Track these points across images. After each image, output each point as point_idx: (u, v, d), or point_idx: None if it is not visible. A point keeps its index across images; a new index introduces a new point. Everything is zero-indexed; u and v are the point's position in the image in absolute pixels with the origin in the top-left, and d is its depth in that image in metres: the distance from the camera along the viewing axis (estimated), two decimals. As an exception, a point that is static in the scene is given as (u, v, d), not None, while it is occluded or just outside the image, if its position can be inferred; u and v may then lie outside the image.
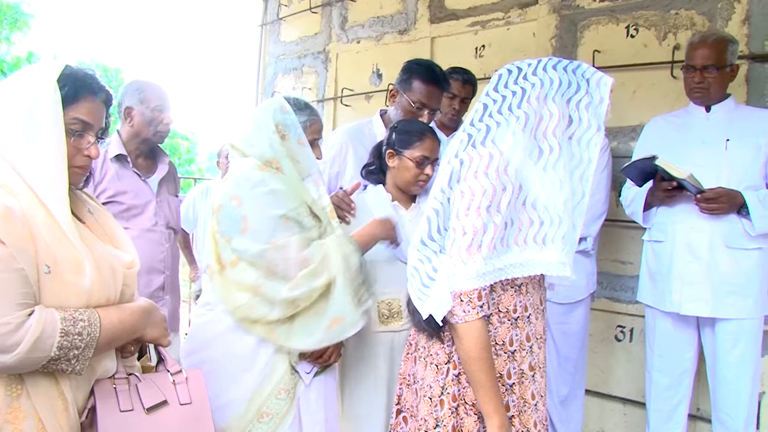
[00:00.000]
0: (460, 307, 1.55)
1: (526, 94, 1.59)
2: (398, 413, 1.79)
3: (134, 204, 2.67)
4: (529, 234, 1.57)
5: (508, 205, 1.55)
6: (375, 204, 2.27)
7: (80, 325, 1.29)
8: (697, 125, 2.62)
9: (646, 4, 3.25)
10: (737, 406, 2.53)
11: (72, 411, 1.35)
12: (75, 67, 1.43)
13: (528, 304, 1.66)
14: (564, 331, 2.97)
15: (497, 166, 1.56)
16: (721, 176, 2.48)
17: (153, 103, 2.72)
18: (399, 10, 4.38)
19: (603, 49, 3.36)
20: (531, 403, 1.65)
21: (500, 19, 3.82)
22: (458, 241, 1.56)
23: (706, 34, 2.65)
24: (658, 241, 2.67)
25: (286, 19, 5.18)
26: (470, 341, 1.55)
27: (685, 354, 2.65)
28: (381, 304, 2.21)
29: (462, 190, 1.59)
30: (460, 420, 1.62)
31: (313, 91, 4.94)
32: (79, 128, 1.40)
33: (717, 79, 2.54)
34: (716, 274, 2.49)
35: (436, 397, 1.65)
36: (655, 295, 2.68)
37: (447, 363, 1.65)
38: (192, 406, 1.48)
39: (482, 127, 1.63)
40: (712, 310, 2.50)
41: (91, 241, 1.41)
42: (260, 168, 1.93)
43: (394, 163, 2.25)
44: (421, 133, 2.24)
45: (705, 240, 2.51)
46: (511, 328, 1.63)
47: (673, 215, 2.60)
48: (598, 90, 1.60)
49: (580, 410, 3.07)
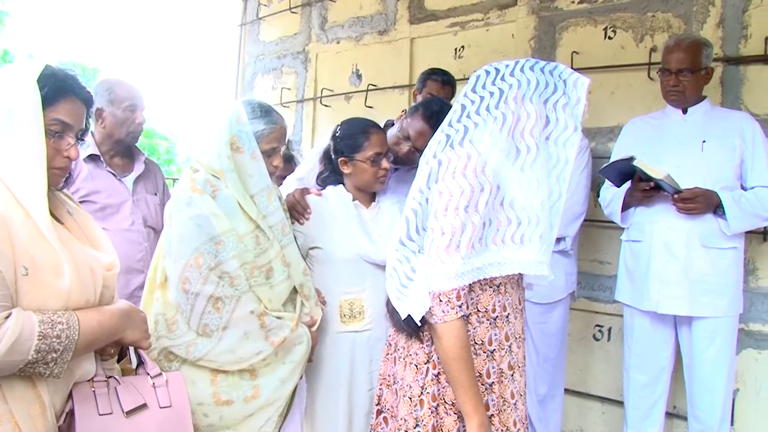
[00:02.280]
0: (440, 307, 1.55)
1: (504, 94, 1.61)
2: (378, 413, 1.79)
3: (109, 203, 2.64)
4: (507, 233, 1.58)
5: (486, 204, 1.56)
6: (336, 205, 2.25)
7: (59, 328, 1.27)
8: (674, 127, 2.66)
9: (623, 7, 3.29)
10: (712, 403, 2.57)
11: (49, 415, 1.33)
12: (55, 67, 1.41)
13: (507, 303, 1.67)
14: (543, 331, 2.99)
15: (475, 167, 1.57)
16: (698, 177, 2.51)
17: (124, 103, 2.68)
18: (378, 10, 4.38)
19: (581, 50, 3.39)
20: (510, 402, 1.66)
21: (479, 20, 3.84)
22: (437, 241, 1.57)
23: (680, 37, 2.69)
24: (635, 240, 2.70)
25: (266, 18, 5.16)
26: (449, 341, 1.56)
27: (663, 352, 2.68)
28: (343, 303, 2.19)
29: (440, 190, 1.60)
30: (440, 419, 1.62)
31: (292, 92, 4.92)
32: (59, 129, 1.39)
33: (692, 82, 2.58)
34: (693, 273, 2.53)
35: (415, 396, 1.65)
36: (633, 295, 2.71)
37: (426, 363, 1.66)
38: (172, 409, 1.47)
39: (460, 127, 1.64)
40: (689, 308, 2.54)
41: (70, 242, 1.40)
42: (192, 186, 1.91)
43: (349, 170, 2.23)
44: (366, 132, 2.23)
45: (682, 239, 2.54)
46: (490, 328, 1.64)
47: (650, 215, 2.64)
48: (575, 90, 1.61)
49: (558, 409, 3.10)
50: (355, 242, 2.18)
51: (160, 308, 1.90)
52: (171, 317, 1.88)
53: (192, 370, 1.87)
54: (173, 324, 1.88)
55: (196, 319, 1.86)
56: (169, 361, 1.89)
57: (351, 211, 2.24)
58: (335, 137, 2.28)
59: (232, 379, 1.90)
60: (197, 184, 1.91)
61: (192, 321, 1.86)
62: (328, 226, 2.19)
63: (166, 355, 1.89)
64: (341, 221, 2.22)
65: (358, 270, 2.17)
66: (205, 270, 1.84)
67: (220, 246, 1.86)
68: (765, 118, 2.83)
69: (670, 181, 2.44)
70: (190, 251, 1.84)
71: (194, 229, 1.85)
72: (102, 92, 2.68)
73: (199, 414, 1.85)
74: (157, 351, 1.87)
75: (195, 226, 1.85)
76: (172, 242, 1.89)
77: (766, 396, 2.87)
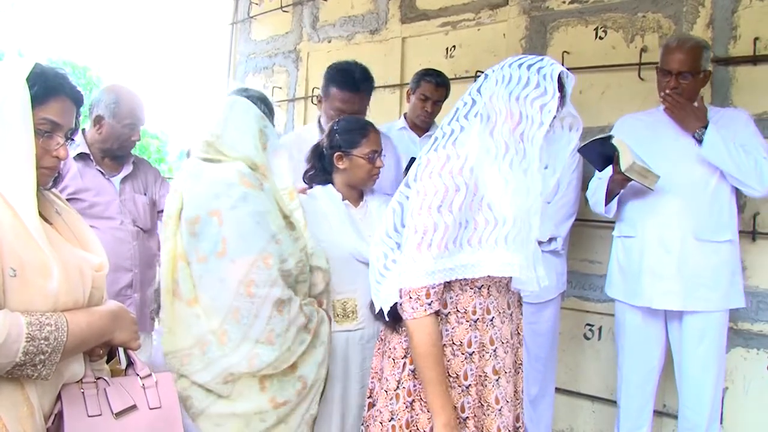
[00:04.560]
0: (409, 303, 1.58)
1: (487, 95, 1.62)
2: (370, 406, 1.80)
3: (96, 202, 2.66)
4: (483, 235, 1.60)
5: (462, 205, 1.57)
6: (327, 204, 2.25)
7: (47, 330, 1.26)
8: (669, 123, 2.64)
9: (614, 7, 3.30)
10: (701, 401, 2.57)
11: (38, 417, 1.31)
12: (45, 66, 1.40)
13: (491, 306, 1.67)
14: (534, 331, 3.00)
15: (452, 167, 1.58)
16: (693, 169, 2.53)
17: (125, 120, 2.70)
18: (370, 9, 4.38)
19: (572, 50, 3.40)
20: (495, 408, 1.65)
21: (471, 20, 3.84)
22: (410, 239, 1.59)
23: (682, 39, 2.64)
24: (628, 236, 2.70)
25: (257, 17, 5.14)
26: (420, 337, 1.58)
27: (654, 350, 2.69)
28: (336, 303, 2.19)
29: (418, 189, 1.62)
30: (415, 415, 1.63)
31: (283, 91, 4.91)
32: (49, 129, 1.37)
33: (691, 85, 2.57)
34: (687, 267, 2.53)
35: (391, 390, 1.67)
36: (625, 290, 2.71)
37: (404, 357, 1.67)
38: (162, 410, 1.46)
39: (448, 130, 1.66)
40: (682, 303, 2.54)
41: (58, 243, 1.39)
42: (242, 180, 1.80)
43: (345, 165, 2.24)
44: (364, 129, 2.26)
45: (676, 234, 2.54)
46: (470, 330, 1.64)
47: (643, 211, 2.64)
48: (551, 83, 1.56)
49: (549, 409, 3.10)
50: (347, 241, 2.18)
51: (204, 325, 1.75)
52: (218, 328, 1.74)
53: (240, 384, 1.79)
54: (224, 335, 1.74)
55: (261, 326, 1.73)
56: (225, 383, 1.76)
57: (342, 210, 2.24)
58: (333, 132, 2.29)
59: (279, 379, 1.81)
60: (247, 178, 1.82)
61: (255, 328, 1.73)
62: (321, 226, 2.18)
63: (224, 378, 1.75)
64: (333, 221, 2.22)
65: (351, 269, 2.16)
66: (274, 271, 1.75)
67: (279, 245, 1.79)
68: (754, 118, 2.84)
69: (640, 170, 2.43)
70: (256, 251, 1.74)
71: (255, 227, 1.76)
72: (107, 101, 2.68)
73: (256, 421, 1.78)
74: (213, 375, 1.74)
75: (255, 224, 1.76)
76: (229, 241, 1.74)
77: (754, 395, 2.89)
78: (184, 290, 1.79)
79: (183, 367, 1.77)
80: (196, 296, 1.78)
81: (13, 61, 1.41)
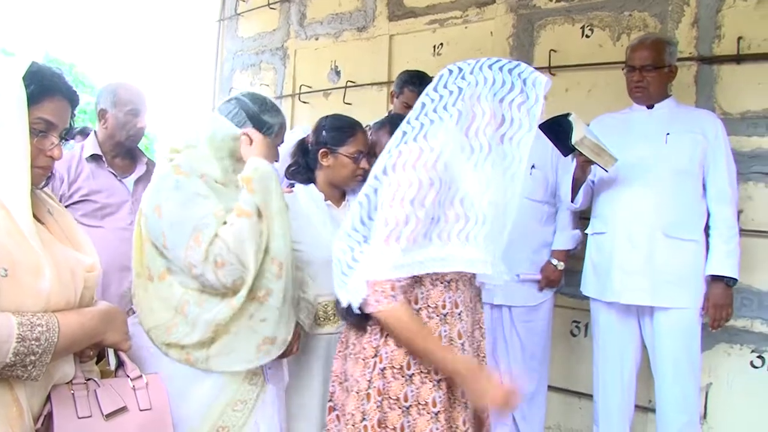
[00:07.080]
0: (373, 296, 1.57)
1: (462, 92, 1.63)
2: (331, 410, 1.80)
3: (108, 203, 2.68)
4: (453, 230, 1.60)
5: (435, 200, 1.57)
6: (308, 204, 2.24)
7: (38, 330, 1.25)
8: (640, 121, 2.71)
9: (600, 6, 3.32)
10: (676, 397, 2.59)
11: (27, 418, 1.31)
12: (42, 65, 1.39)
13: (459, 300, 1.68)
14: (529, 329, 3.02)
15: (426, 161, 1.58)
16: (662, 166, 2.58)
17: (126, 107, 2.71)
18: (357, 7, 4.37)
19: (559, 48, 3.42)
20: (461, 401, 1.67)
21: (458, 18, 3.85)
22: (379, 230, 1.59)
23: (644, 36, 2.77)
24: (600, 233, 2.75)
25: (244, 14, 5.13)
26: (396, 324, 1.58)
27: (629, 346, 2.72)
28: (318, 306, 2.18)
29: (390, 182, 1.61)
30: (384, 414, 1.63)
31: (271, 88, 4.90)
32: (43, 128, 1.36)
33: (656, 79, 2.64)
34: (654, 263, 2.57)
35: (363, 390, 1.66)
36: (597, 287, 2.75)
37: (374, 357, 1.66)
38: (152, 411, 1.46)
39: (417, 124, 1.65)
40: (650, 298, 2.58)
41: (50, 243, 1.38)
42: (176, 170, 1.79)
43: (329, 162, 2.23)
44: (352, 128, 2.25)
45: (645, 230, 2.59)
46: (440, 324, 1.65)
47: (614, 207, 2.68)
48: (534, 89, 1.61)
49: (542, 407, 3.11)
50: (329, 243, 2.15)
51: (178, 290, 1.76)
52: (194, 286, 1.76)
53: None
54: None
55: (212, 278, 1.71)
56: None
57: (324, 211, 2.23)
58: (320, 128, 2.27)
59: None
60: (182, 167, 1.82)
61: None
62: (302, 227, 2.15)
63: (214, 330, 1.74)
64: (315, 221, 2.21)
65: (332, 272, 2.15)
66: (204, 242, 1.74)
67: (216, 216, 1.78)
68: (737, 117, 2.88)
69: (592, 146, 2.43)
70: (187, 235, 1.72)
71: (183, 212, 1.74)
72: (107, 94, 2.73)
73: None
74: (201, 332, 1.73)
75: (183, 208, 1.75)
76: (166, 233, 1.74)
77: (738, 390, 2.91)
78: (155, 269, 1.80)
79: (170, 336, 1.75)
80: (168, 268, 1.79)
81: (9, 60, 1.39)
